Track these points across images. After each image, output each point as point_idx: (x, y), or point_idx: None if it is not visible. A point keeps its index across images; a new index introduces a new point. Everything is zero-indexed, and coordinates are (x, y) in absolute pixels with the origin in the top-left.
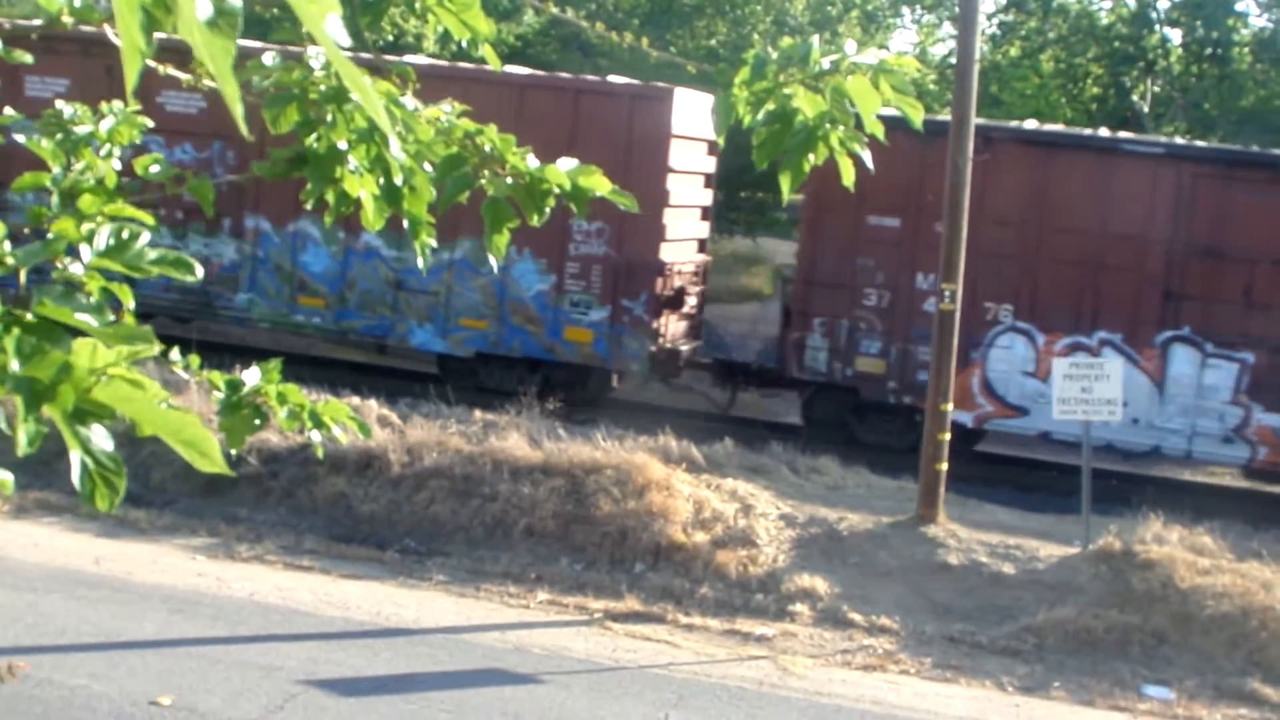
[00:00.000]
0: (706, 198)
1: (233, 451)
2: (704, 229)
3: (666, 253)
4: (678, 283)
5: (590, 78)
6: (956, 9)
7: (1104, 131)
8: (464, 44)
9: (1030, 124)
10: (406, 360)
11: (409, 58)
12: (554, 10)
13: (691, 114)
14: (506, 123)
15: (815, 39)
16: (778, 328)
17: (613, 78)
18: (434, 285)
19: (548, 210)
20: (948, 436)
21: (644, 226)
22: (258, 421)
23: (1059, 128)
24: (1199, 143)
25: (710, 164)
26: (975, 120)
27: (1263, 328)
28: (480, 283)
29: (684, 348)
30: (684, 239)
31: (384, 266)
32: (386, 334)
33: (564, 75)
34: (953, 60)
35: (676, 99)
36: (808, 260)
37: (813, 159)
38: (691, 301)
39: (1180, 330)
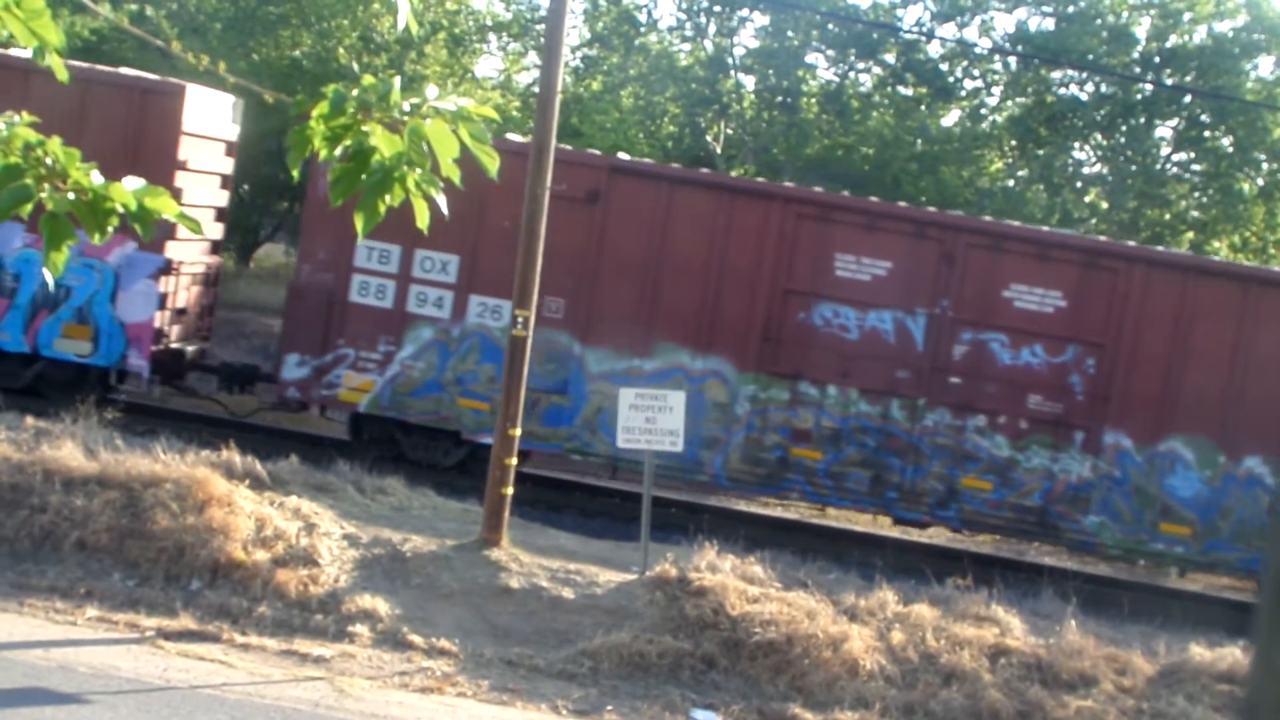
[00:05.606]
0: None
1: None
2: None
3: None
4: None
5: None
6: (542, 40)
7: None
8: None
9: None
10: None
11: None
12: (126, 22)
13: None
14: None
15: (396, 80)
16: None
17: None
18: None
19: (111, 230)
20: (514, 461)
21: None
22: None
23: None
24: None
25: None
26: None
27: None
28: None
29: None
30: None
31: (1266, 495)
32: None
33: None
34: (536, 89)
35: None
36: None
37: (389, 200)
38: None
39: None
